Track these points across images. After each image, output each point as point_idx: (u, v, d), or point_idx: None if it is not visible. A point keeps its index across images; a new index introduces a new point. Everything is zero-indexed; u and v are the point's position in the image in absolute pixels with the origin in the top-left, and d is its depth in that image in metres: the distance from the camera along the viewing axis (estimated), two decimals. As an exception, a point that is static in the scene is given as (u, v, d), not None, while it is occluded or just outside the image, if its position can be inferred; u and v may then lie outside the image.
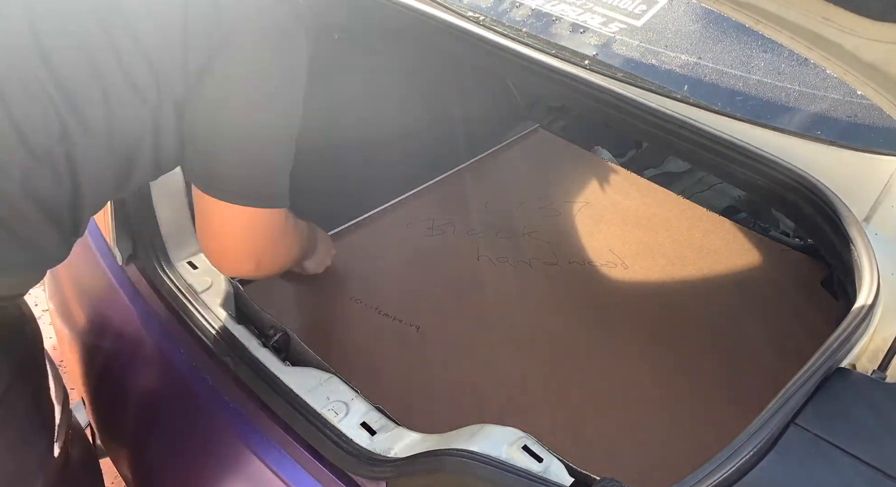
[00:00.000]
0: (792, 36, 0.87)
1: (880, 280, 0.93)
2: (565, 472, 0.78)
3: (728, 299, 1.35)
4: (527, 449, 0.80)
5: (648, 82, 1.30)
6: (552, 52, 1.38)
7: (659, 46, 1.41)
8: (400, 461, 0.84)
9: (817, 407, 0.78)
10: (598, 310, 1.35)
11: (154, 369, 1.11)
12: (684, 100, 1.25)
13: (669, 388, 1.18)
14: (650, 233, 1.52)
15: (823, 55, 0.87)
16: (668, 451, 1.08)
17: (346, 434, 0.88)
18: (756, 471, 0.72)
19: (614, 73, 1.32)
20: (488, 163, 1.80)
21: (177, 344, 1.07)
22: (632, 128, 1.28)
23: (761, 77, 1.30)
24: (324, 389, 0.95)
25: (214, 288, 1.11)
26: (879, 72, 0.84)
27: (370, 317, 1.33)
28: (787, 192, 1.13)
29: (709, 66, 1.35)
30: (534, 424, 1.06)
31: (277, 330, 1.03)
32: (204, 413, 1.03)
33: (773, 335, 1.26)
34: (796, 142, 1.15)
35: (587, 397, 1.18)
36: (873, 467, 0.72)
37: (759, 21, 0.87)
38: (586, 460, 0.98)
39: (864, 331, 0.87)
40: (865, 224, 1.08)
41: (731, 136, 1.18)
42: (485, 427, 0.83)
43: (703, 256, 1.45)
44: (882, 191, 1.07)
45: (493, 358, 1.25)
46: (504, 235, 1.55)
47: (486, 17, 1.47)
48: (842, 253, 1.02)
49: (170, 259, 1.15)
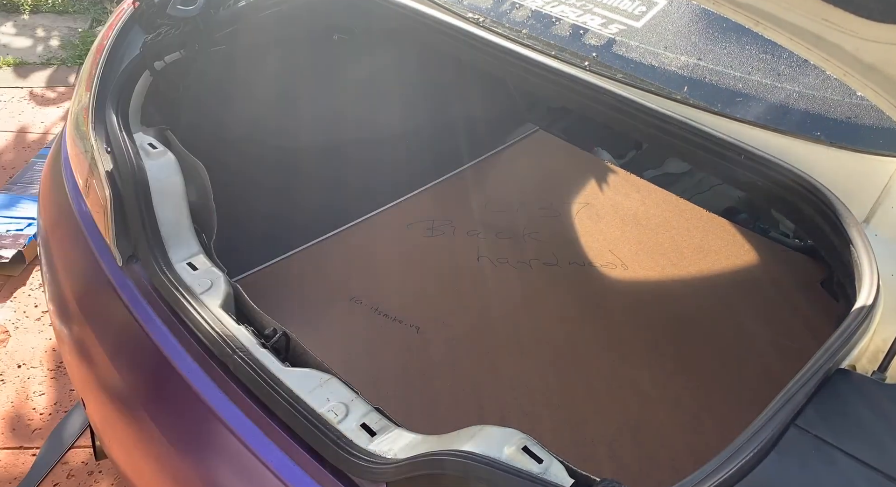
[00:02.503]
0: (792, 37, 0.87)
1: (880, 280, 0.93)
2: (565, 473, 0.78)
3: (728, 299, 1.35)
4: (527, 450, 0.79)
5: (648, 83, 1.30)
6: (552, 54, 1.38)
7: (659, 47, 1.41)
8: (400, 462, 0.84)
9: (818, 408, 0.78)
10: (597, 311, 1.35)
11: (154, 370, 1.11)
12: (684, 101, 1.25)
13: (669, 388, 1.18)
14: (650, 233, 1.52)
15: (823, 56, 0.87)
16: (668, 451, 1.07)
17: (346, 436, 0.88)
18: (757, 472, 0.72)
19: (614, 75, 1.32)
20: (489, 165, 1.80)
21: (177, 345, 1.07)
22: (632, 129, 1.28)
23: (761, 78, 1.31)
24: (324, 390, 0.94)
25: (214, 289, 1.11)
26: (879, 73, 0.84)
27: (370, 318, 1.33)
28: (786, 193, 1.13)
29: (708, 67, 1.35)
30: (534, 425, 1.06)
31: (277, 331, 1.03)
32: (204, 414, 1.03)
33: (773, 335, 1.26)
34: (796, 143, 1.15)
35: (587, 397, 1.18)
36: (873, 468, 0.72)
37: (759, 22, 0.87)
38: (586, 460, 0.98)
39: (864, 332, 0.87)
40: (865, 224, 1.08)
41: (730, 137, 1.18)
42: (485, 428, 0.83)
43: (703, 257, 1.45)
44: (882, 192, 1.07)
45: (493, 358, 1.25)
46: (504, 236, 1.55)
47: (487, 18, 1.48)
48: (842, 253, 1.02)
49: (169, 260, 1.15)
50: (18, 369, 2.05)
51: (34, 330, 2.19)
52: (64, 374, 2.05)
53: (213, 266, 1.15)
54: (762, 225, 1.59)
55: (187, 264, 1.16)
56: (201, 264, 1.16)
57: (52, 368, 2.07)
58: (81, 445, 1.80)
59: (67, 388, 2.00)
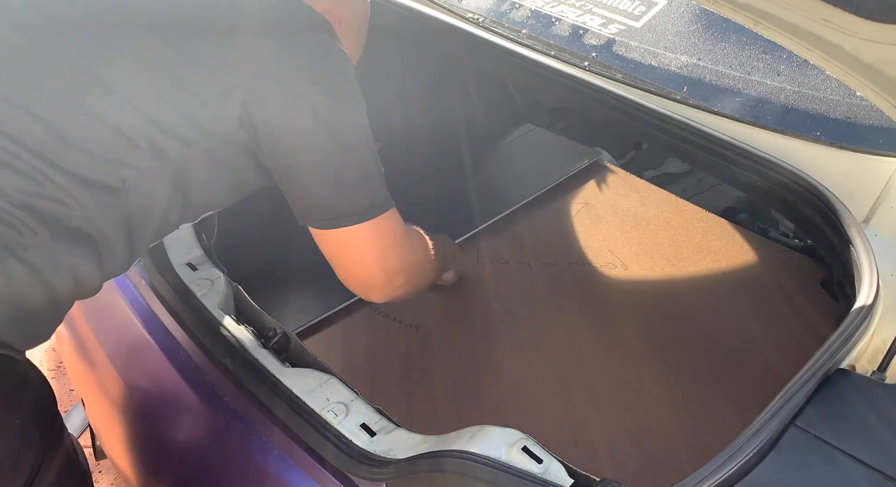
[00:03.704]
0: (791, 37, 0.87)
1: (880, 281, 0.93)
2: (565, 473, 0.78)
3: (727, 300, 1.35)
4: (526, 450, 0.80)
5: (648, 83, 1.31)
6: (552, 54, 1.38)
7: (658, 48, 1.42)
8: (400, 462, 0.84)
9: (817, 408, 0.78)
10: (597, 311, 1.35)
11: (153, 370, 1.11)
12: (684, 101, 1.26)
13: (669, 388, 1.18)
14: (650, 233, 1.52)
15: (823, 56, 0.87)
16: (668, 451, 1.07)
17: (346, 436, 0.88)
18: (756, 472, 0.72)
19: (614, 75, 1.32)
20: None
21: (176, 346, 1.07)
22: (631, 129, 1.28)
23: (761, 78, 1.31)
24: (323, 390, 0.94)
25: (214, 290, 1.10)
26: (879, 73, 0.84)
27: (370, 318, 1.33)
28: (786, 193, 1.13)
29: (708, 67, 1.35)
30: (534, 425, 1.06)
31: (277, 331, 1.03)
32: (203, 414, 1.03)
33: (772, 336, 1.26)
34: (796, 143, 1.15)
35: (587, 397, 1.18)
36: (873, 468, 0.72)
37: (759, 22, 0.88)
38: (586, 460, 0.98)
39: (863, 332, 0.87)
40: (865, 225, 1.08)
41: (730, 137, 1.18)
42: (484, 428, 0.83)
43: (703, 257, 1.45)
44: (881, 192, 1.07)
45: (493, 358, 1.25)
46: (503, 236, 1.55)
47: (486, 18, 1.48)
48: (841, 254, 1.02)
49: (169, 260, 1.15)
50: (18, 369, 2.05)
51: (34, 331, 2.19)
52: (64, 374, 2.05)
53: (213, 266, 1.15)
54: (762, 225, 1.59)
55: (187, 264, 1.16)
56: (201, 264, 1.16)
57: (52, 368, 2.07)
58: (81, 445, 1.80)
59: (67, 388, 2.00)
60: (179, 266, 1.15)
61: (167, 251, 1.15)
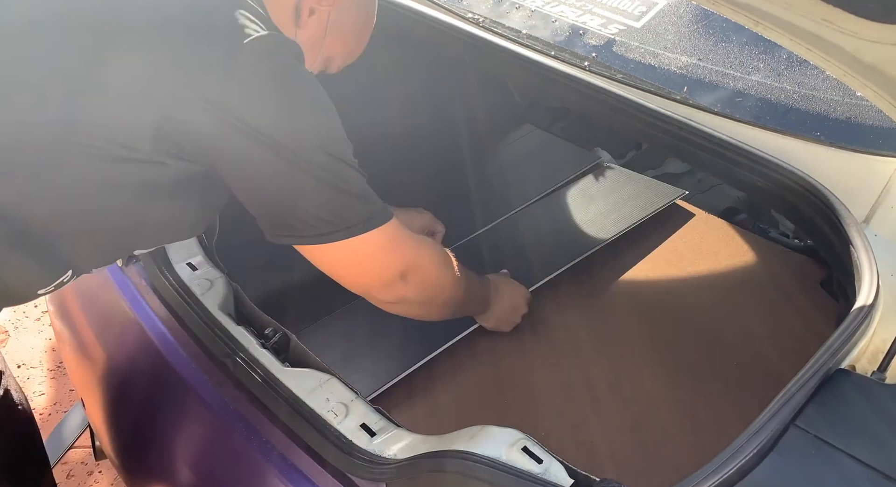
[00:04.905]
0: (791, 37, 0.87)
1: (880, 281, 0.93)
2: (565, 473, 0.78)
3: (728, 300, 1.35)
4: (527, 451, 0.79)
5: (648, 83, 1.31)
6: (552, 54, 1.38)
7: (658, 48, 1.42)
8: (400, 462, 0.84)
9: (818, 408, 0.78)
10: (597, 311, 1.35)
11: (153, 370, 1.11)
12: (684, 101, 1.26)
13: (669, 388, 1.18)
14: (650, 233, 1.51)
15: (823, 56, 0.87)
16: (668, 451, 1.07)
17: (346, 436, 0.88)
18: (756, 472, 0.72)
19: (614, 75, 1.32)
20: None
21: (176, 346, 1.07)
22: (631, 129, 1.28)
23: (761, 78, 1.31)
24: (323, 390, 0.94)
25: (214, 290, 1.10)
26: (879, 73, 0.84)
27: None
28: (786, 194, 1.13)
29: (708, 67, 1.35)
30: (534, 425, 1.06)
31: (277, 331, 1.03)
32: (203, 414, 1.03)
33: (772, 336, 1.26)
34: (796, 143, 1.15)
35: (587, 397, 1.18)
36: (873, 468, 0.72)
37: (759, 22, 0.88)
38: (586, 460, 0.98)
39: (864, 332, 0.87)
40: (865, 225, 1.08)
41: (730, 138, 1.18)
42: (485, 428, 0.83)
43: (703, 257, 1.45)
44: (882, 193, 1.07)
45: (493, 358, 1.25)
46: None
47: (486, 18, 1.48)
48: (841, 254, 1.02)
49: (169, 260, 1.15)
50: (18, 369, 2.05)
51: (34, 330, 2.19)
52: (64, 374, 2.05)
53: (213, 266, 1.15)
54: (762, 225, 1.59)
55: (187, 264, 1.16)
56: (201, 264, 1.16)
57: (51, 368, 2.07)
58: (81, 445, 1.80)
59: (67, 388, 2.00)
60: (179, 266, 1.15)
61: (167, 250, 1.15)
